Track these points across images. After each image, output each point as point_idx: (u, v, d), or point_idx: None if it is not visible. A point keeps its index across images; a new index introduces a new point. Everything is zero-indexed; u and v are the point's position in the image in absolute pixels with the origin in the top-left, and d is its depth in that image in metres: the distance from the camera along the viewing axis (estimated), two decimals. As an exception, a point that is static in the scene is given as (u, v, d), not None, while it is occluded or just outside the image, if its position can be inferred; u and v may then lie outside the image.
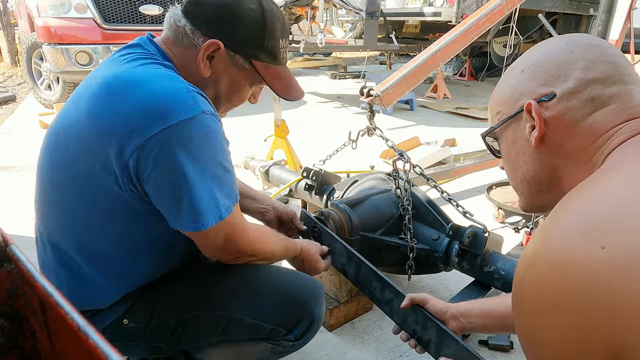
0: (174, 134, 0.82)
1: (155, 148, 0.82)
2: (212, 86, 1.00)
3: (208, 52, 0.94)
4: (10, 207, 2.54)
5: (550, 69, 0.66)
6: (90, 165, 0.87)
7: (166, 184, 0.85)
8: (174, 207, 0.87)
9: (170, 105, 0.83)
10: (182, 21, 0.94)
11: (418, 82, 2.20)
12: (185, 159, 0.83)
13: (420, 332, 1.12)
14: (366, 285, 1.27)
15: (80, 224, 0.94)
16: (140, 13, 4.54)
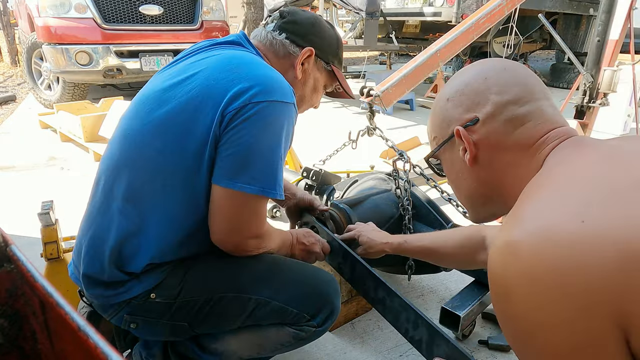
0: (271, 107, 0.96)
1: (252, 110, 0.95)
2: (300, 87, 1.21)
3: (304, 57, 1.16)
4: (10, 207, 2.54)
5: (470, 96, 0.73)
6: (188, 119, 0.97)
7: (240, 141, 0.95)
8: (234, 163, 0.96)
9: (278, 87, 1.00)
10: (279, 36, 1.16)
11: (418, 82, 2.20)
12: (269, 131, 0.97)
13: (412, 331, 1.12)
14: (360, 284, 1.28)
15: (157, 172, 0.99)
16: (140, 13, 4.54)
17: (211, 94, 0.98)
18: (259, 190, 0.96)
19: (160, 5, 4.63)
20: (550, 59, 10.95)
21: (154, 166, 0.99)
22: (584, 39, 6.86)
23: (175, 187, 0.99)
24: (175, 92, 1.01)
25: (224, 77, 0.99)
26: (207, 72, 1.01)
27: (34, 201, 2.26)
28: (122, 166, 1.01)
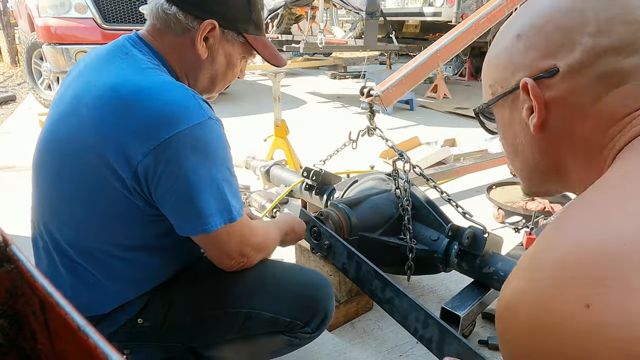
0: (184, 138, 0.85)
1: (166, 152, 0.85)
2: (209, 66, 1.04)
3: (205, 33, 0.97)
4: (10, 207, 2.54)
5: (552, 35, 0.52)
6: (100, 174, 0.88)
7: (175, 187, 0.87)
8: (181, 210, 0.90)
9: (179, 112, 0.86)
10: (171, 8, 0.95)
11: (418, 82, 2.20)
12: (195, 162, 0.87)
13: (422, 330, 1.12)
14: (367, 283, 1.28)
15: (91, 229, 0.94)
16: (140, 13, 4.54)
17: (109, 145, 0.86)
18: (220, 224, 0.90)
19: (160, 5, 4.63)
20: (550, 59, 10.94)
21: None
22: (584, 39, 6.85)
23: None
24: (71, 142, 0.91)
25: (110, 118, 0.86)
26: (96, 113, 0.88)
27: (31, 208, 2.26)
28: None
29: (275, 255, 2.05)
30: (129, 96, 0.87)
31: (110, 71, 0.92)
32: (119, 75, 0.91)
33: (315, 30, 5.92)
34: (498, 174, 3.24)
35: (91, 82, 0.92)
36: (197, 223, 0.89)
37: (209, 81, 1.07)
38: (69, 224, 0.95)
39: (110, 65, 0.94)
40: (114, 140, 0.86)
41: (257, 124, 4.51)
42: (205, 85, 1.08)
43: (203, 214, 0.88)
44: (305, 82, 7.78)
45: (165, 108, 0.86)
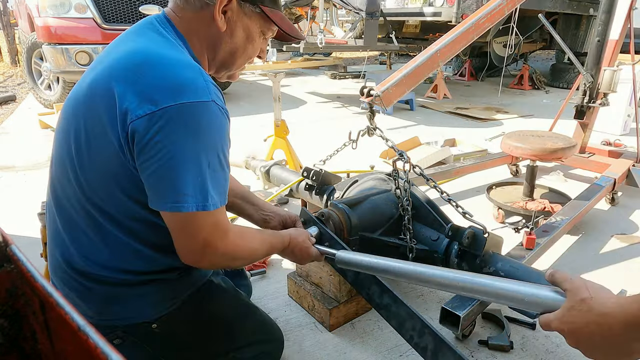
0: (181, 111, 0.85)
1: (160, 120, 0.84)
2: (228, 40, 1.05)
3: (222, 6, 1.00)
4: (10, 207, 2.54)
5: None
6: (103, 126, 0.89)
7: (159, 157, 0.85)
8: (158, 182, 0.88)
9: (185, 86, 0.87)
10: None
11: (418, 82, 2.19)
12: (187, 137, 0.85)
13: (417, 338, 1.12)
14: (364, 288, 1.28)
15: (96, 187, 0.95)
16: (140, 13, 4.54)
17: (107, 93, 0.88)
18: (192, 207, 0.87)
19: (160, 5, 4.62)
20: (550, 59, 10.94)
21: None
22: (584, 39, 6.85)
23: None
24: (79, 87, 0.97)
25: (121, 75, 0.89)
26: (107, 66, 0.92)
27: (34, 201, 2.26)
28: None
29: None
30: (143, 59, 0.90)
31: (133, 41, 0.97)
32: (139, 44, 0.95)
33: (315, 30, 5.92)
34: (498, 174, 3.24)
35: (114, 49, 0.98)
36: (169, 197, 0.87)
37: (228, 55, 1.07)
38: (72, 182, 0.97)
39: (135, 38, 0.98)
40: (120, 94, 0.87)
41: (257, 124, 4.51)
42: (225, 59, 1.08)
43: (178, 190, 0.86)
44: (305, 82, 7.78)
45: (173, 78, 0.87)
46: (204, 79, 0.90)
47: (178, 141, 0.85)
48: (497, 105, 5.94)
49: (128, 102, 0.85)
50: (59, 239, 1.02)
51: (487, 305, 1.56)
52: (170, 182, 0.86)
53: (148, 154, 0.86)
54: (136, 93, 0.86)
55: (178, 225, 0.91)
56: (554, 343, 1.55)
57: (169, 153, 0.85)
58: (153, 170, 0.87)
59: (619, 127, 4.37)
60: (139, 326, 1.04)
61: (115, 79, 0.89)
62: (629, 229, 2.45)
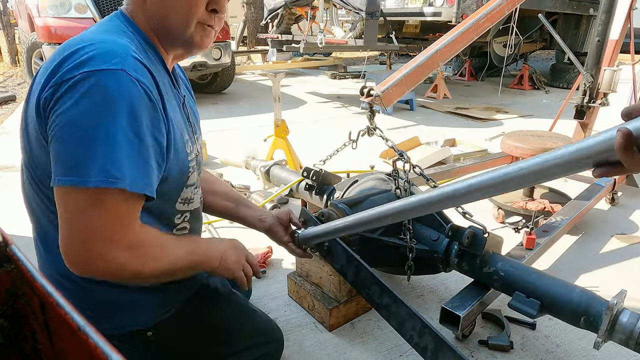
0: (86, 79, 0.78)
1: (64, 87, 0.79)
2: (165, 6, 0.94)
3: None
4: (10, 207, 2.54)
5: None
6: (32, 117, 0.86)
7: (56, 125, 0.79)
8: (61, 155, 0.79)
9: (98, 56, 0.81)
10: None
11: (418, 82, 2.20)
12: (84, 104, 0.78)
13: (417, 338, 1.12)
14: (364, 288, 1.28)
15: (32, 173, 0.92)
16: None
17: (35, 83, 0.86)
18: (79, 181, 0.76)
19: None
20: (550, 59, 10.95)
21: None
22: (584, 39, 6.86)
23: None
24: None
25: (46, 65, 0.86)
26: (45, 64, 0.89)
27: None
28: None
29: (277, 248, 2.05)
30: (66, 45, 0.86)
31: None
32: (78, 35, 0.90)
33: (315, 30, 5.92)
34: (498, 174, 3.23)
35: None
36: (59, 170, 0.78)
37: (180, 22, 0.95)
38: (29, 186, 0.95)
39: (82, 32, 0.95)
40: (41, 78, 0.85)
41: (257, 124, 4.51)
42: (179, 27, 0.96)
43: (64, 163, 0.78)
44: (305, 82, 7.78)
45: (87, 51, 0.81)
46: (122, 51, 0.83)
47: (73, 110, 0.78)
48: (497, 105, 5.94)
49: (44, 82, 0.83)
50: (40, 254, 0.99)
51: (487, 305, 1.56)
52: (59, 154, 0.79)
53: (53, 126, 0.80)
54: (50, 71, 0.82)
55: (61, 207, 0.79)
56: (554, 343, 1.55)
57: (63, 122, 0.78)
58: (57, 143, 0.80)
59: (619, 127, 4.37)
60: (134, 334, 1.02)
61: (42, 70, 0.87)
62: (629, 229, 2.45)
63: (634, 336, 1.15)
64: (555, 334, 1.59)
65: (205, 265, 0.99)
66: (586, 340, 1.55)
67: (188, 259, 0.94)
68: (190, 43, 1.00)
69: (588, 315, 1.23)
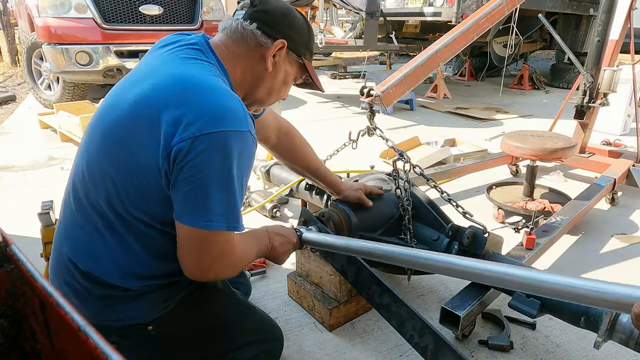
0: (222, 138, 0.91)
1: (204, 143, 0.90)
2: (270, 80, 1.15)
3: (275, 50, 1.10)
4: (10, 207, 2.54)
5: None
6: (143, 144, 0.94)
7: (196, 177, 0.91)
8: (193, 200, 0.93)
9: (229, 115, 0.93)
10: (250, 25, 1.09)
11: (418, 82, 2.20)
12: (224, 161, 0.92)
13: (417, 338, 1.12)
14: (365, 288, 1.28)
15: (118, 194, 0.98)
16: (140, 13, 4.54)
17: (152, 113, 0.94)
18: (222, 227, 0.95)
19: (160, 5, 4.63)
20: (550, 59, 10.95)
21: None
22: (584, 39, 6.86)
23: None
24: (122, 97, 1.00)
25: (168, 98, 0.94)
26: (154, 85, 0.97)
27: (34, 201, 2.25)
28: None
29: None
30: (190, 85, 0.96)
31: (178, 64, 1.03)
32: (186, 69, 1.01)
33: (315, 30, 5.91)
34: (498, 174, 3.24)
35: (160, 67, 1.03)
36: (201, 215, 0.93)
37: (266, 93, 1.17)
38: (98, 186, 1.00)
39: (180, 61, 1.04)
40: (166, 117, 0.92)
41: (257, 124, 4.51)
42: (261, 96, 1.18)
43: (210, 210, 0.93)
44: (305, 82, 7.78)
45: (217, 106, 0.93)
46: (243, 108, 0.97)
47: (215, 165, 0.91)
48: (497, 105, 5.94)
49: (174, 125, 0.91)
50: (71, 236, 1.04)
51: (487, 305, 1.56)
52: (203, 201, 0.93)
53: (186, 174, 0.91)
54: (182, 117, 0.91)
55: (197, 242, 0.96)
56: (554, 343, 1.55)
57: (207, 175, 0.91)
58: (190, 189, 0.92)
59: (619, 127, 4.37)
60: (134, 328, 1.04)
61: (161, 101, 0.94)
62: (629, 229, 2.45)
63: (634, 336, 1.15)
64: (555, 334, 1.59)
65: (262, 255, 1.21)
66: (586, 340, 1.55)
67: (255, 257, 1.17)
68: (258, 109, 1.27)
69: (588, 315, 1.23)
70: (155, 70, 1.02)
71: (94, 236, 1.00)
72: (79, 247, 1.02)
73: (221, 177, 0.92)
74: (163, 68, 1.02)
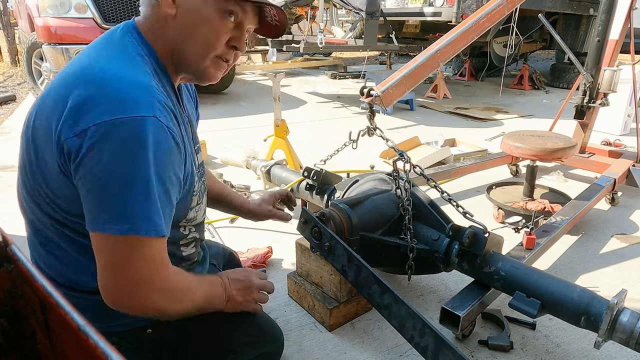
0: (117, 127, 0.78)
1: (95, 135, 0.78)
2: (185, 29, 0.94)
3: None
4: (10, 207, 2.54)
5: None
6: (45, 145, 0.86)
7: (93, 175, 0.80)
8: (92, 202, 0.81)
9: (125, 101, 0.80)
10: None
11: (418, 82, 2.19)
12: (121, 154, 0.79)
13: (418, 338, 1.12)
14: (365, 287, 1.28)
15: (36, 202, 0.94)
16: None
17: (49, 113, 0.84)
18: (124, 230, 0.79)
19: (160, 5, 4.63)
20: (550, 59, 10.95)
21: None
22: (584, 39, 6.86)
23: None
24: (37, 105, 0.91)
25: (57, 97, 0.84)
26: (56, 83, 0.87)
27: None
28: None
29: (277, 248, 2.05)
30: (86, 76, 0.84)
31: (88, 57, 0.91)
32: (94, 59, 0.89)
33: (315, 30, 5.91)
34: (498, 174, 3.24)
35: (72, 63, 0.92)
36: (100, 219, 0.80)
37: (193, 52, 0.95)
38: (28, 196, 0.96)
39: (92, 52, 0.92)
40: (56, 112, 0.82)
41: (257, 124, 4.51)
42: (191, 57, 0.96)
43: (110, 211, 0.80)
44: (305, 82, 7.78)
45: (111, 94, 0.80)
46: (149, 95, 0.83)
47: (111, 159, 0.78)
48: (497, 105, 5.94)
49: (62, 121, 0.80)
50: (37, 255, 1.00)
51: (487, 305, 1.56)
52: (101, 202, 0.80)
53: (82, 172, 0.80)
54: (70, 110, 0.80)
55: (105, 253, 0.83)
56: (554, 343, 1.55)
57: (102, 171, 0.79)
58: (87, 190, 0.81)
59: (619, 127, 4.37)
60: (133, 332, 1.02)
61: (55, 96, 0.85)
62: (629, 229, 2.45)
63: (634, 336, 1.15)
64: (555, 334, 1.59)
65: (216, 306, 1.06)
66: (586, 340, 1.55)
67: (204, 302, 1.02)
68: (202, 75, 1.01)
69: (589, 315, 1.23)
70: (68, 65, 0.92)
71: (54, 249, 0.94)
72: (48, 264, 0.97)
73: (120, 173, 0.79)
74: (73, 63, 0.91)
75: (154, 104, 0.83)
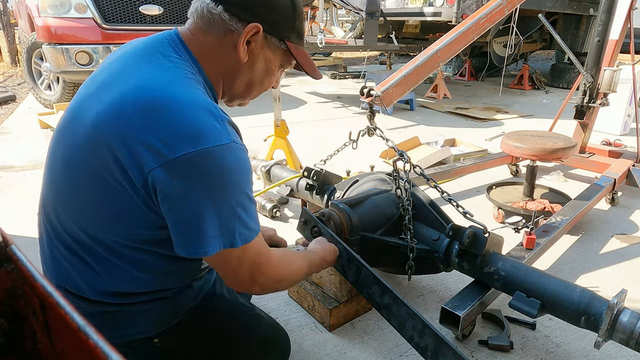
0: (204, 157, 0.81)
1: (182, 167, 0.81)
2: (247, 71, 1.02)
3: (248, 36, 0.95)
4: (10, 207, 2.54)
5: None
6: (108, 167, 0.85)
7: (183, 205, 0.84)
8: (184, 230, 0.86)
9: (204, 130, 0.83)
10: (217, 8, 0.93)
11: (418, 83, 2.19)
12: (210, 184, 0.83)
13: (418, 338, 1.12)
14: (365, 288, 1.28)
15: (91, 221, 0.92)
16: (140, 13, 4.54)
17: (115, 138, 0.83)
18: (218, 247, 0.86)
19: (161, 5, 4.62)
20: (550, 59, 10.94)
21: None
22: (584, 39, 6.86)
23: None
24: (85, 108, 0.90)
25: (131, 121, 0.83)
26: (115, 101, 0.85)
27: (34, 201, 2.26)
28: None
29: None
30: (156, 101, 0.84)
31: (143, 69, 0.90)
32: (151, 77, 0.88)
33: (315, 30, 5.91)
34: (498, 174, 3.24)
35: (122, 75, 0.90)
36: (197, 245, 0.86)
37: (245, 86, 1.05)
38: (70, 213, 0.93)
39: (143, 65, 0.91)
40: (131, 139, 0.82)
41: (257, 124, 4.51)
42: (240, 90, 1.06)
43: (204, 235, 0.85)
44: (305, 82, 7.78)
45: (189, 123, 0.82)
46: (220, 118, 0.86)
47: (202, 188, 0.82)
48: (497, 105, 5.94)
49: (143, 150, 0.81)
50: (55, 261, 0.98)
51: (487, 305, 1.56)
52: (196, 229, 0.85)
53: (171, 203, 0.84)
54: (152, 140, 0.81)
55: (216, 267, 0.95)
56: (554, 343, 1.55)
57: (193, 202, 0.83)
58: (179, 219, 0.85)
59: (619, 127, 4.37)
60: (140, 342, 1.01)
61: (125, 122, 0.83)
62: (629, 229, 2.45)
63: (635, 335, 1.15)
64: (555, 334, 1.59)
65: (316, 265, 1.22)
66: (586, 340, 1.55)
67: (309, 267, 1.16)
68: (241, 103, 1.13)
69: (589, 315, 1.23)
70: (119, 77, 0.90)
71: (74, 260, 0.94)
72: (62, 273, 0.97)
73: (212, 200, 0.84)
74: (124, 75, 0.90)
75: (227, 128, 0.87)
